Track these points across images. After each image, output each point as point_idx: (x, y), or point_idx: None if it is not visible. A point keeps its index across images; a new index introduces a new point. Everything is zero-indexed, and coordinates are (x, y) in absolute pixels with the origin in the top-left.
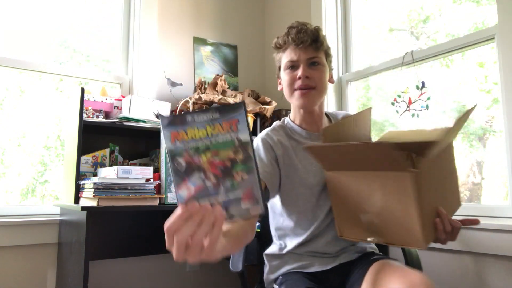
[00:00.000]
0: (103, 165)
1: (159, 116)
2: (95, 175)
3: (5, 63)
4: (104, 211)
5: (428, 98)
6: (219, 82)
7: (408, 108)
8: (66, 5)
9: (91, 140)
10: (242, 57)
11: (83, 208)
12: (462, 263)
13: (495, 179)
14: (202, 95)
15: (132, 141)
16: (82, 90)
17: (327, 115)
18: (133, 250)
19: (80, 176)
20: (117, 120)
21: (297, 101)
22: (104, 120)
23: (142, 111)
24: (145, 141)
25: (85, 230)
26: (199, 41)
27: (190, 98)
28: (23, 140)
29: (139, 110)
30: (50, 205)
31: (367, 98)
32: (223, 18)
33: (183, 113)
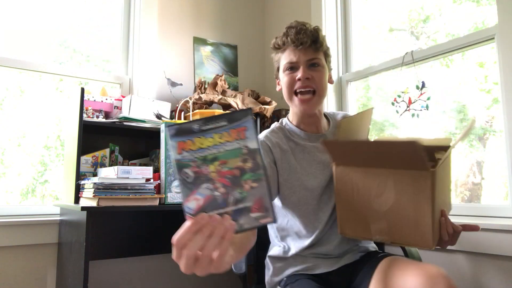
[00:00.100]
0: (103, 165)
1: (165, 127)
2: (95, 175)
3: (5, 63)
4: (104, 211)
5: (428, 98)
6: (219, 82)
7: (408, 108)
8: (66, 5)
9: (91, 140)
10: (242, 57)
11: (83, 208)
12: (462, 263)
13: (495, 179)
14: (202, 95)
15: (132, 141)
16: (82, 90)
17: (326, 116)
18: (133, 250)
19: (80, 176)
20: (117, 120)
21: (297, 108)
22: (104, 120)
23: (142, 111)
24: (145, 141)
25: (85, 230)
26: (199, 41)
27: (190, 98)
28: (23, 140)
29: (139, 110)
30: (50, 205)
31: (367, 98)
32: (223, 18)
33: (189, 121)
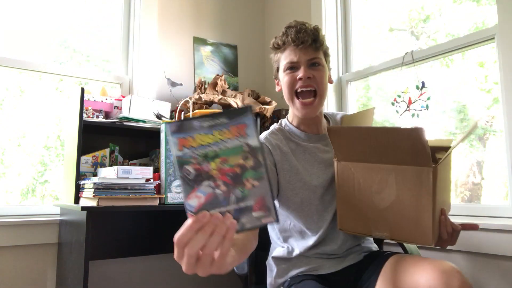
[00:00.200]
0: (103, 165)
1: (166, 124)
2: (95, 175)
3: (5, 63)
4: (104, 211)
5: (428, 98)
6: (219, 82)
7: (408, 108)
8: (66, 5)
9: (91, 140)
10: (242, 57)
11: (83, 208)
12: (461, 263)
13: (495, 179)
14: (202, 95)
15: (132, 141)
16: (82, 90)
17: (325, 116)
18: (133, 250)
19: (80, 176)
20: (117, 120)
21: (298, 111)
22: (104, 120)
23: (142, 111)
24: (145, 141)
25: (85, 230)
26: (199, 41)
27: (190, 98)
28: (23, 140)
29: (139, 110)
30: (50, 205)
31: (367, 98)
32: (223, 18)
33: (190, 118)
